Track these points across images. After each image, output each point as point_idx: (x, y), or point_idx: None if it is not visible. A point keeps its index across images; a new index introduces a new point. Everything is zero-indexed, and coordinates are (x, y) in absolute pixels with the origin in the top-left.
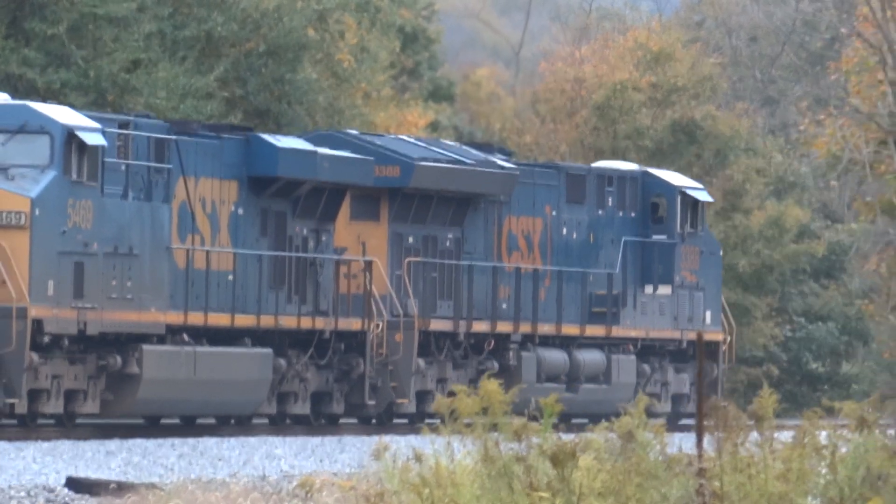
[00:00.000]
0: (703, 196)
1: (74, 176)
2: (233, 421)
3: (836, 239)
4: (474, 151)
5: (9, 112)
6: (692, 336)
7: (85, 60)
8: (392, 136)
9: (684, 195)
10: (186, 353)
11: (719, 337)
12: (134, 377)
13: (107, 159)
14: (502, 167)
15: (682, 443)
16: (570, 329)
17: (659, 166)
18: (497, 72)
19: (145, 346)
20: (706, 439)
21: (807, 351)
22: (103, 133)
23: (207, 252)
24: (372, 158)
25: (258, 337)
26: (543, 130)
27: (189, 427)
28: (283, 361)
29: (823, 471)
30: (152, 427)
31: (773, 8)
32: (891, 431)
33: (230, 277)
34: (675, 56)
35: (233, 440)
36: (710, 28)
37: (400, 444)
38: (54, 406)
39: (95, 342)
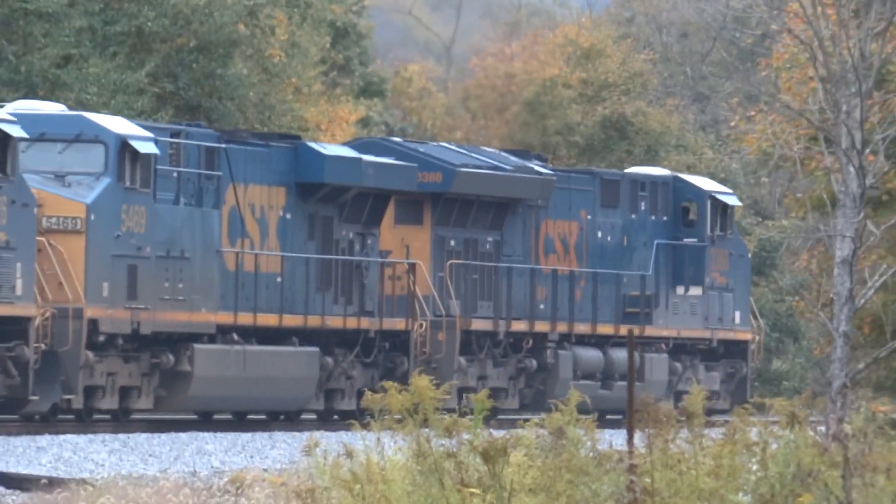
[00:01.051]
0: (732, 201)
1: (128, 183)
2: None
3: (767, 235)
4: (513, 158)
5: (65, 122)
6: (723, 335)
7: (16, 56)
8: (434, 144)
9: (714, 199)
10: (236, 351)
11: (748, 336)
12: (186, 375)
13: (159, 167)
14: (540, 173)
15: (613, 439)
16: (604, 328)
17: (589, 162)
18: (428, 68)
19: (196, 345)
20: (637, 436)
21: None
22: (156, 142)
23: (256, 255)
24: (415, 165)
25: (305, 336)
26: (474, 126)
27: (117, 423)
28: (329, 360)
29: (754, 467)
30: (83, 423)
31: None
32: (821, 428)
33: (278, 279)
34: (606, 52)
35: (163, 436)
36: (640, 24)
37: (331, 441)
38: (109, 402)
39: (149, 341)
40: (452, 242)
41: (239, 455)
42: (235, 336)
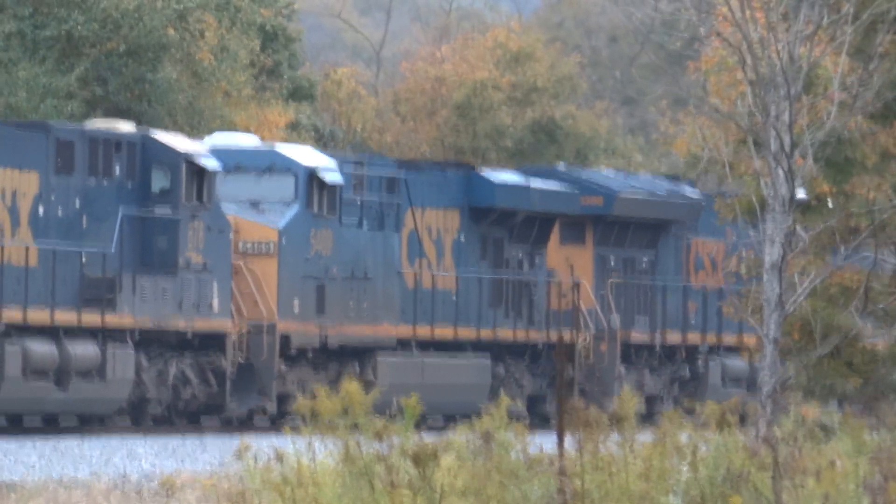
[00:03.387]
0: None
1: (316, 209)
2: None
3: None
4: (665, 183)
5: (259, 155)
6: None
7: None
8: (594, 170)
9: None
10: (415, 361)
11: None
12: (370, 383)
13: (344, 194)
14: (690, 197)
15: (543, 443)
16: (750, 339)
17: (518, 165)
18: (358, 71)
19: (380, 356)
20: (567, 439)
21: None
22: (341, 171)
23: (433, 274)
24: (577, 190)
25: (479, 347)
26: (404, 129)
27: (50, 427)
28: (501, 369)
29: (685, 469)
30: (13, 427)
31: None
32: (751, 431)
33: (453, 296)
34: (535, 56)
35: (94, 440)
36: (569, 28)
37: (262, 445)
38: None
39: (336, 353)
40: (612, 261)
41: (169, 458)
42: (414, 348)
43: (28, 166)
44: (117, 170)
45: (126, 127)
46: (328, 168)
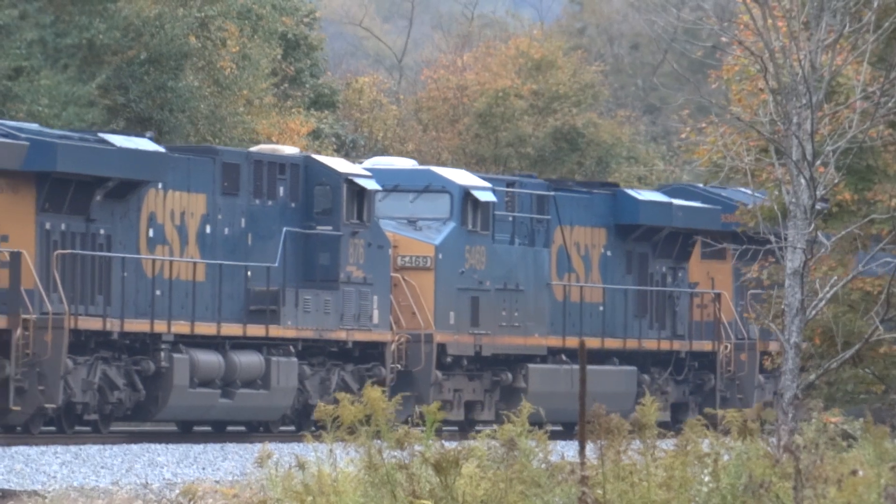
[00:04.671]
0: None
1: (470, 226)
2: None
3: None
4: None
5: (416, 175)
6: None
7: None
8: (733, 189)
9: None
10: (564, 370)
11: None
12: (521, 390)
13: (497, 212)
14: None
15: (565, 451)
16: None
17: (541, 174)
18: (379, 79)
19: (530, 365)
20: (589, 447)
21: None
22: (493, 191)
23: (581, 287)
24: (718, 207)
25: (624, 357)
26: (426, 138)
27: (68, 435)
28: (646, 377)
29: (706, 479)
30: (37, 435)
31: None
32: (773, 439)
33: (600, 308)
34: (557, 64)
35: (115, 448)
36: (591, 36)
37: (283, 452)
38: (456, 414)
39: (489, 362)
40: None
41: (191, 467)
42: (564, 357)
43: (196, 188)
44: (281, 190)
45: (289, 150)
46: (481, 187)
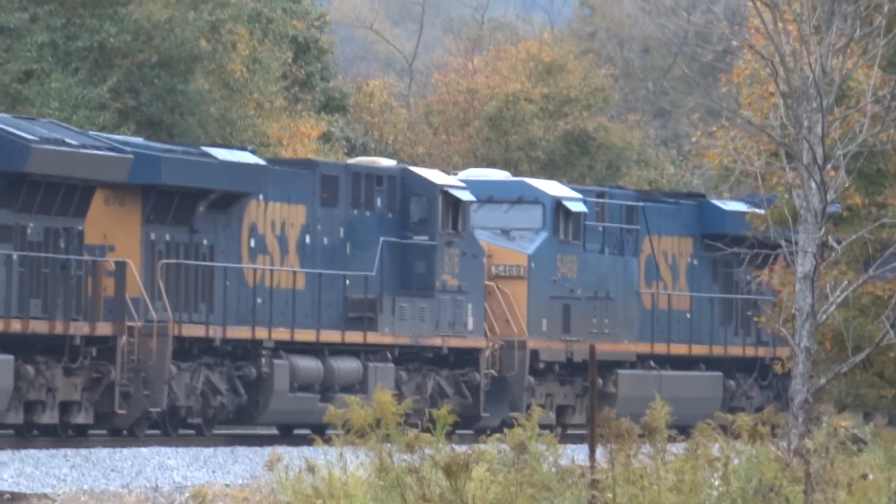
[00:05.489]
0: None
1: (561, 236)
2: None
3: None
4: None
5: (509, 187)
6: None
7: None
8: None
9: None
10: (653, 376)
11: None
12: (611, 395)
13: (587, 223)
14: None
15: (575, 454)
16: None
17: (551, 177)
18: (390, 83)
19: (620, 371)
20: (599, 451)
21: None
22: (584, 202)
23: (669, 295)
24: None
25: (710, 363)
26: (436, 142)
27: (81, 438)
28: (731, 382)
29: (716, 482)
30: (47, 438)
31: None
32: (783, 443)
33: (688, 315)
34: (568, 67)
35: (125, 451)
36: (602, 40)
37: (293, 456)
38: (546, 418)
39: (580, 367)
40: None
41: (201, 470)
42: (652, 363)
43: (296, 200)
44: (378, 201)
45: (386, 162)
46: (573, 198)
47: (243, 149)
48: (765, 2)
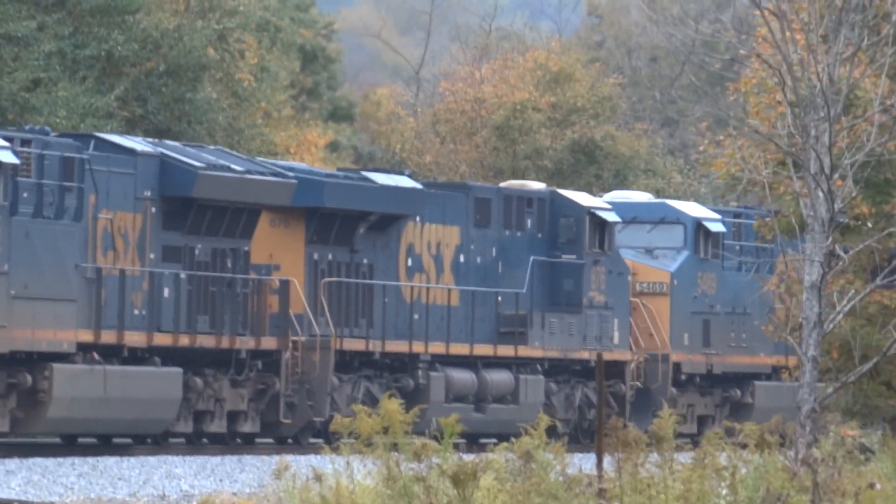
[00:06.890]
0: None
1: (701, 255)
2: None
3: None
4: None
5: (652, 208)
6: None
7: None
8: None
9: None
10: (787, 387)
11: None
12: (748, 406)
13: (725, 241)
14: None
15: (583, 463)
16: None
17: (559, 186)
18: (397, 91)
19: (757, 382)
20: (606, 460)
21: None
22: (722, 222)
23: None
24: None
25: None
26: (444, 150)
27: (90, 447)
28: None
29: (724, 491)
30: (54, 446)
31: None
32: (790, 452)
33: None
34: (575, 76)
35: (132, 459)
36: (609, 48)
37: (300, 464)
38: (689, 427)
39: (719, 379)
40: None
41: (208, 478)
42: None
43: (451, 221)
44: (528, 222)
45: (535, 185)
46: (712, 219)
47: (401, 173)
48: (773, 11)
